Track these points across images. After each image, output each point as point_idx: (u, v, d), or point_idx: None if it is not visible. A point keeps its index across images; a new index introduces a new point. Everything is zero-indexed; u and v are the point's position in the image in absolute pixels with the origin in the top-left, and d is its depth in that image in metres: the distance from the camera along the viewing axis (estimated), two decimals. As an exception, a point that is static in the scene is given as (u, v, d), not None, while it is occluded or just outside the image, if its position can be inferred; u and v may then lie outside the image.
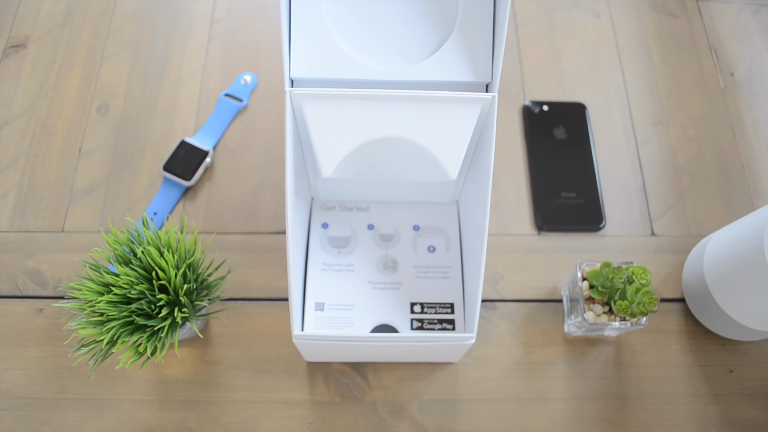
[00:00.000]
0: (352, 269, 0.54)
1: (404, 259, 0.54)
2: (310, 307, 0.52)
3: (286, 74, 0.43)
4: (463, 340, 0.43)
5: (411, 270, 0.54)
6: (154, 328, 0.45)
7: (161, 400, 0.53)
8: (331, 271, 0.53)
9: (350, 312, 0.52)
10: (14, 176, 0.63)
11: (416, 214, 0.57)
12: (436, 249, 0.55)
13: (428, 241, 0.55)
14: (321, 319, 0.51)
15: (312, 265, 0.54)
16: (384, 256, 0.54)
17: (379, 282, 0.53)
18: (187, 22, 0.72)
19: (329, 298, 0.52)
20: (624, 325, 0.51)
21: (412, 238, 0.55)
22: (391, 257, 0.54)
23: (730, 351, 0.56)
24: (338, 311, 0.52)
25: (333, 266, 0.54)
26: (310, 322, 0.51)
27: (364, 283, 0.53)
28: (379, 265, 0.54)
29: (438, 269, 0.54)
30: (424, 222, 0.56)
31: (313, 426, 0.53)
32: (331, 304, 0.52)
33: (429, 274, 0.54)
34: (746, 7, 0.75)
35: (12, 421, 0.52)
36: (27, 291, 0.58)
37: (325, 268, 0.53)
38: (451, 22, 0.44)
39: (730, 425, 0.53)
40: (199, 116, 0.66)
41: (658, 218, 0.62)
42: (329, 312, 0.52)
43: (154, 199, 0.62)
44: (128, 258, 0.47)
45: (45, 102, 0.67)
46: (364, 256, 0.54)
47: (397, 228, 0.56)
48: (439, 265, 0.54)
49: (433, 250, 0.55)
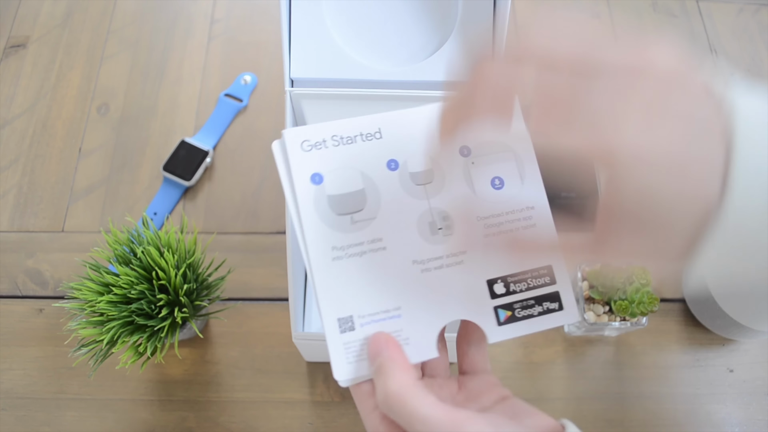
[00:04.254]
0: (383, 246, 0.33)
1: (459, 209, 0.34)
2: (332, 330, 0.31)
3: (286, 74, 0.43)
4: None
5: (475, 226, 0.33)
6: (154, 328, 0.45)
7: (161, 400, 0.53)
8: (349, 258, 0.32)
9: (398, 321, 0.32)
10: (14, 176, 0.63)
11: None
12: (505, 181, 0.34)
13: (490, 169, 0.34)
14: (355, 345, 0.31)
15: (315, 255, 0.32)
16: (427, 212, 0.33)
17: (430, 258, 0.33)
18: (187, 22, 0.72)
19: (358, 306, 0.32)
20: (624, 325, 0.51)
21: (464, 170, 0.34)
22: (439, 211, 0.33)
23: (730, 351, 0.56)
24: (379, 324, 0.32)
25: (349, 249, 0.32)
26: (339, 354, 0.31)
27: (407, 265, 0.32)
28: (423, 228, 0.33)
29: (516, 215, 0.34)
30: (476, 138, 0.34)
31: (313, 426, 0.53)
32: (364, 315, 0.32)
33: (504, 227, 0.33)
34: (746, 7, 0.75)
35: (12, 421, 0.52)
36: (27, 291, 0.58)
37: (337, 255, 0.32)
38: (451, 22, 0.44)
39: (730, 425, 0.53)
40: (199, 116, 0.66)
41: (658, 218, 0.62)
42: (365, 330, 0.31)
43: (154, 199, 0.62)
44: (128, 258, 0.47)
45: (45, 102, 0.67)
46: (396, 219, 0.33)
47: (435, 157, 0.34)
48: (515, 207, 0.34)
49: (501, 185, 0.34)
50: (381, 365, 0.29)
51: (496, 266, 0.33)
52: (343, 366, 0.31)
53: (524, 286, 0.33)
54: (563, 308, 0.33)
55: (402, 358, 0.29)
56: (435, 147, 0.31)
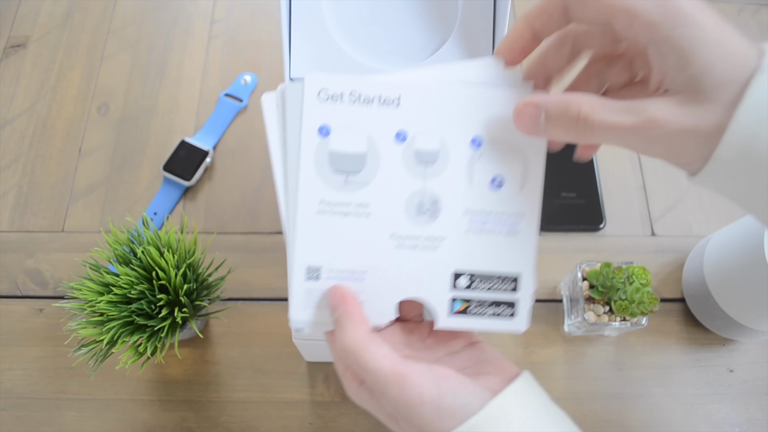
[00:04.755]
0: (367, 212, 0.34)
1: (451, 197, 0.34)
2: (299, 275, 0.34)
3: (286, 74, 0.43)
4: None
5: (460, 217, 0.34)
6: (154, 328, 0.45)
7: (161, 400, 0.53)
8: (333, 215, 0.34)
9: (360, 284, 0.34)
10: (14, 176, 0.63)
11: (481, 117, 0.34)
12: (505, 182, 0.34)
13: (494, 167, 0.34)
14: (315, 294, 0.34)
15: (303, 204, 0.33)
16: (419, 192, 0.34)
17: (407, 236, 0.34)
18: (187, 22, 0.72)
19: (329, 259, 0.34)
20: (624, 325, 0.51)
21: (469, 161, 0.34)
22: (430, 194, 0.34)
23: (730, 351, 0.56)
24: (343, 282, 0.34)
25: (336, 206, 0.34)
26: (299, 298, 0.34)
27: (384, 236, 0.34)
28: (410, 206, 0.34)
29: (504, 218, 0.35)
30: (491, 132, 0.34)
31: (313, 426, 0.53)
32: (332, 269, 0.34)
33: (488, 226, 0.34)
34: (746, 7, 0.75)
35: (12, 421, 0.52)
36: (27, 291, 0.58)
37: (323, 209, 0.33)
38: (452, 22, 0.44)
39: (730, 425, 0.53)
40: (199, 116, 0.66)
41: (658, 218, 0.62)
42: (328, 282, 0.34)
43: (154, 199, 0.62)
44: (128, 258, 0.47)
45: (45, 102, 0.67)
46: (387, 190, 0.34)
47: (445, 140, 0.34)
48: (506, 210, 0.34)
49: (500, 186, 0.34)
50: (338, 319, 0.31)
51: (468, 261, 0.34)
52: (299, 310, 0.34)
53: (487, 286, 0.35)
54: (514, 316, 0.35)
55: (357, 312, 0.31)
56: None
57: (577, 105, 0.27)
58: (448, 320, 0.34)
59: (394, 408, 0.29)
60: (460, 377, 0.30)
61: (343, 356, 0.30)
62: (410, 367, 0.29)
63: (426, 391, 0.28)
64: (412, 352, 0.34)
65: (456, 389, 0.29)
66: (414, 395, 0.28)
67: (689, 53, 0.25)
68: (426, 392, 0.28)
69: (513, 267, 0.35)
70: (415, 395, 0.28)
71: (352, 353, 0.30)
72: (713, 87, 0.25)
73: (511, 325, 0.34)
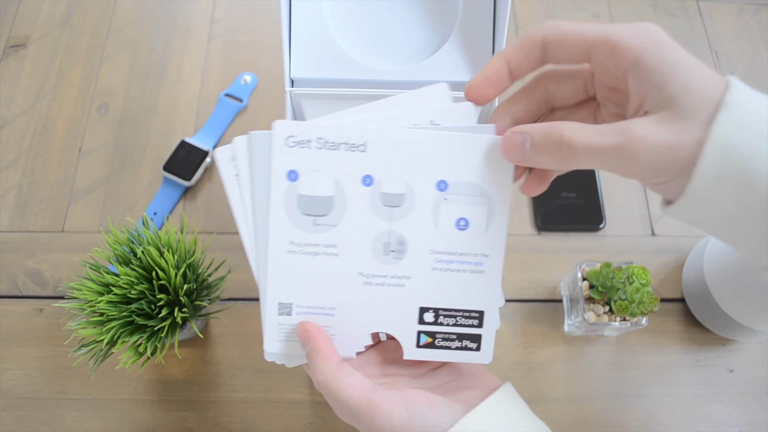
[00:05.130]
0: (335, 252, 0.35)
1: (417, 238, 0.35)
2: (271, 310, 0.36)
3: (286, 74, 0.43)
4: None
5: (426, 257, 0.35)
6: (154, 328, 0.45)
7: (161, 400, 0.53)
8: (302, 255, 0.35)
9: (331, 319, 0.36)
10: (14, 176, 0.63)
11: (446, 161, 0.34)
12: (470, 224, 0.35)
13: (459, 210, 0.35)
14: (287, 328, 0.36)
15: (273, 244, 0.35)
16: (385, 233, 0.35)
17: (375, 275, 0.36)
18: (187, 22, 0.72)
19: (300, 296, 0.36)
20: (624, 325, 0.51)
21: (434, 203, 0.35)
22: (397, 235, 0.35)
23: (729, 351, 0.56)
24: (313, 317, 0.36)
25: (305, 247, 0.35)
26: (272, 333, 0.36)
27: (352, 275, 0.35)
28: (377, 247, 0.35)
29: (469, 258, 0.36)
30: (457, 176, 0.35)
31: (313, 426, 0.53)
32: (303, 306, 0.36)
33: (453, 266, 0.36)
34: (746, 7, 0.75)
35: (12, 421, 0.52)
36: (27, 291, 0.58)
37: (292, 249, 0.35)
38: (452, 23, 0.44)
39: (730, 425, 0.53)
40: (199, 116, 0.66)
41: (658, 218, 0.62)
42: (299, 317, 0.36)
43: (154, 199, 0.62)
44: (128, 258, 0.47)
45: (45, 102, 0.67)
46: (355, 232, 0.35)
47: (411, 184, 0.35)
48: (471, 251, 0.36)
49: (465, 226, 0.35)
50: (308, 355, 0.33)
51: (434, 298, 0.36)
52: (273, 342, 0.36)
53: (452, 321, 0.36)
54: (480, 350, 0.36)
55: (325, 348, 0.33)
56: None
57: (559, 129, 0.28)
58: (415, 352, 0.36)
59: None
60: (431, 398, 0.31)
61: (318, 388, 0.32)
62: (380, 396, 0.30)
63: (396, 417, 0.29)
64: (397, 370, 0.36)
65: (426, 411, 0.30)
66: (385, 422, 0.29)
67: (669, 74, 0.26)
68: (396, 418, 0.29)
69: (477, 304, 0.36)
70: (386, 422, 0.29)
71: (324, 387, 0.31)
72: (692, 105, 0.26)
73: (476, 357, 0.36)
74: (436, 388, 0.34)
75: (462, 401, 0.31)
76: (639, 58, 0.27)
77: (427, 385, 0.35)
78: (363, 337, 0.36)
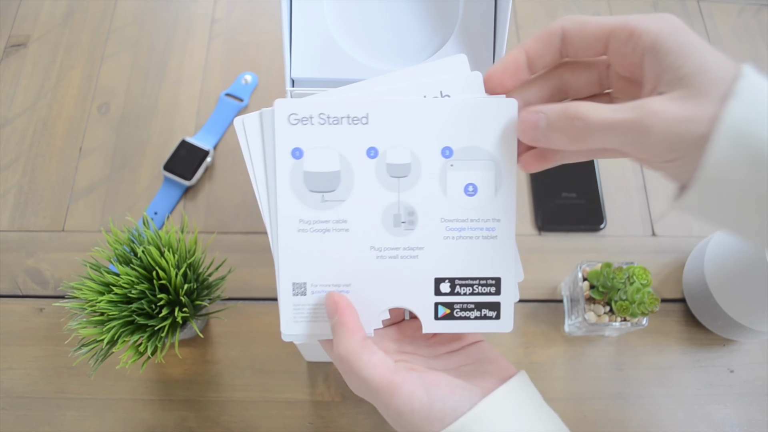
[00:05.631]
0: (346, 228, 0.35)
1: (426, 207, 0.35)
2: (285, 291, 0.35)
3: (287, 74, 0.43)
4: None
5: (437, 226, 0.35)
6: (155, 327, 0.45)
7: (161, 399, 0.53)
8: (313, 233, 0.35)
9: (346, 296, 0.36)
10: (15, 176, 0.63)
11: (448, 127, 0.34)
12: (478, 189, 0.35)
13: (467, 175, 0.35)
14: (303, 309, 0.36)
15: (283, 225, 0.35)
16: (395, 205, 0.35)
17: (387, 247, 0.35)
18: (187, 21, 0.72)
19: (313, 275, 0.35)
20: (624, 325, 0.51)
21: (441, 171, 0.35)
22: (406, 206, 0.35)
23: (730, 351, 0.56)
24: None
25: (315, 224, 0.35)
26: (288, 313, 0.36)
27: (364, 249, 0.35)
28: (387, 219, 0.35)
29: (480, 224, 0.35)
30: (461, 141, 0.34)
31: (313, 426, 0.53)
32: (317, 285, 0.35)
33: (465, 233, 0.35)
34: (747, 7, 0.75)
35: (12, 420, 0.52)
36: (27, 290, 0.58)
37: (303, 227, 0.35)
38: (452, 22, 0.44)
39: (731, 425, 0.53)
40: (199, 116, 0.66)
41: (658, 218, 0.62)
42: (315, 297, 0.35)
43: (154, 199, 0.62)
44: (129, 257, 0.47)
45: (45, 101, 0.67)
46: (364, 205, 0.35)
47: (416, 153, 0.35)
48: (482, 217, 0.35)
49: (474, 192, 0.35)
50: (333, 327, 0.33)
51: (449, 267, 0.35)
52: (290, 324, 0.35)
53: (469, 290, 0.35)
54: (500, 318, 0.36)
55: (351, 321, 0.32)
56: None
57: (574, 106, 0.28)
58: (434, 325, 0.35)
59: (386, 414, 0.30)
60: (451, 381, 0.30)
61: (338, 363, 0.32)
62: (401, 377, 0.30)
63: (416, 399, 0.29)
64: (414, 349, 0.35)
65: (446, 394, 0.29)
66: (404, 404, 0.29)
67: (685, 54, 0.27)
68: (416, 400, 0.29)
69: (493, 270, 0.35)
70: (404, 404, 0.29)
71: (345, 362, 0.31)
72: (707, 83, 0.26)
73: (497, 326, 0.35)
74: (451, 370, 0.34)
75: (479, 386, 0.31)
76: (656, 40, 0.27)
77: (443, 366, 0.34)
78: (380, 313, 0.35)
